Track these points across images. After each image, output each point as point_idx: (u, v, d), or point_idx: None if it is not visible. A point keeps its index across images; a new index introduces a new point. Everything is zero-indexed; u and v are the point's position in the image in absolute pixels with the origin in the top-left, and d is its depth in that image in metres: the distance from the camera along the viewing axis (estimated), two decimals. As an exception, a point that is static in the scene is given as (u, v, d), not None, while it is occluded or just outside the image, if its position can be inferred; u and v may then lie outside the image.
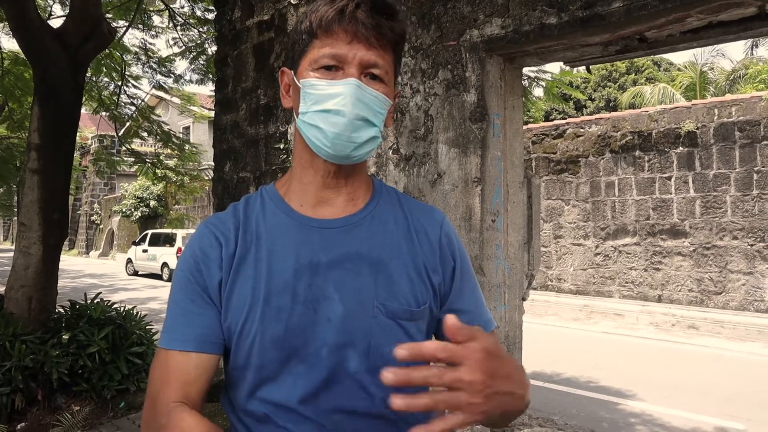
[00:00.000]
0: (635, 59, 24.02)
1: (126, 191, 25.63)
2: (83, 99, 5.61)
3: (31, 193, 4.61)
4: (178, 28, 7.13)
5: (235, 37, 4.28)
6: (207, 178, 9.10)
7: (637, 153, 10.40)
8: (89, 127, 25.86)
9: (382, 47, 0.93)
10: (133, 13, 6.30)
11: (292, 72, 0.98)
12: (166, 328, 0.94)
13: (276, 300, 0.91)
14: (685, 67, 20.29)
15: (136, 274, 19.37)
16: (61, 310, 4.80)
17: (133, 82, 7.50)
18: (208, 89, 8.85)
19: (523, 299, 2.88)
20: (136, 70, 7.55)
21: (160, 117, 8.14)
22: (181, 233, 17.64)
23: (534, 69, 5.47)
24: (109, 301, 5.12)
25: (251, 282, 0.93)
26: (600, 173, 10.90)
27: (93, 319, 4.61)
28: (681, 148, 9.88)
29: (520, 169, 2.85)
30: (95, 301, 4.91)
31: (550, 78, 5.41)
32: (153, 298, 12.71)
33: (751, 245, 9.15)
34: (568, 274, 11.40)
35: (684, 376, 6.27)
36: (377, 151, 3.09)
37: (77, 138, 5.28)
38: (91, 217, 29.95)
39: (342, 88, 0.90)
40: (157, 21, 7.47)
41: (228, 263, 0.94)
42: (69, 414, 4.02)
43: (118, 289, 14.50)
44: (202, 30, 7.23)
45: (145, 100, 8.14)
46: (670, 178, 10.02)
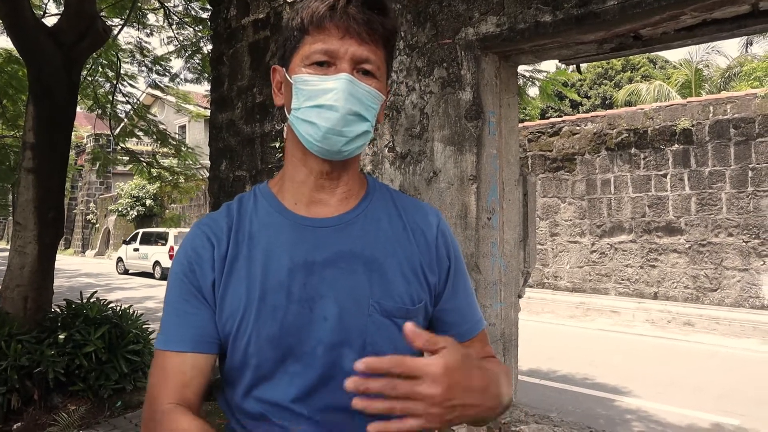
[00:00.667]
0: (631, 57, 24.07)
1: (122, 190, 25.56)
2: (78, 98, 5.59)
3: (26, 192, 4.59)
4: (173, 27, 7.10)
5: (230, 36, 4.27)
6: (202, 177, 9.07)
7: (632, 150, 10.43)
8: (85, 126, 25.73)
9: (373, 42, 0.93)
10: (128, 11, 6.27)
11: (284, 69, 0.98)
12: (161, 329, 0.94)
13: (271, 299, 0.91)
14: (681, 65, 20.33)
15: (126, 272, 19.56)
16: (57, 310, 4.79)
17: (129, 81, 7.47)
18: (203, 88, 8.83)
19: (519, 296, 2.88)
20: (131, 68, 7.52)
21: (155, 116, 8.12)
22: (173, 232, 17.96)
23: (529, 68, 5.48)
24: (105, 300, 5.11)
25: (245, 282, 0.93)
26: (596, 171, 10.93)
27: (89, 319, 4.60)
28: (676, 146, 9.91)
29: (515, 167, 2.86)
30: (91, 300, 4.90)
31: (544, 77, 5.41)
32: (149, 297, 12.68)
33: (746, 242, 9.19)
34: (564, 271, 11.43)
35: (679, 373, 6.30)
36: (373, 149, 3.09)
37: (73, 137, 5.26)
38: (87, 217, 29.85)
39: (335, 83, 0.90)
40: (152, 19, 7.45)
41: (220, 264, 0.94)
42: (65, 413, 4.02)
43: (115, 289, 14.46)
44: (197, 28, 7.20)
45: (141, 99, 8.11)
46: (665, 176, 10.05)
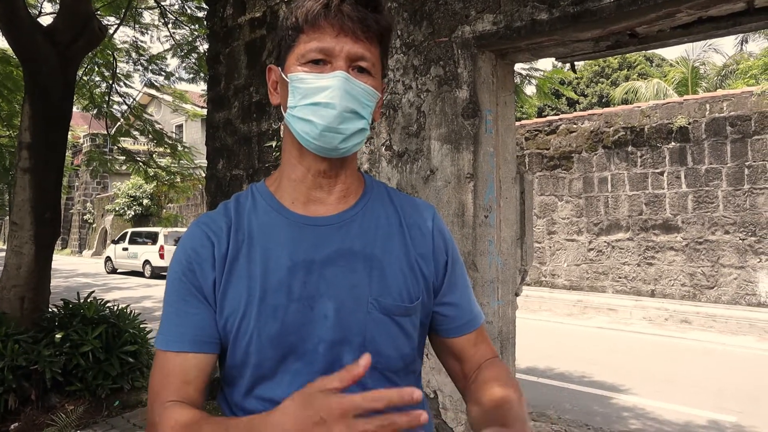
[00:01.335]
0: (627, 55, 24.10)
1: (119, 190, 25.52)
2: (74, 97, 5.57)
3: (22, 192, 4.58)
4: (169, 26, 7.09)
5: (227, 35, 4.27)
6: (198, 178, 9.05)
7: (629, 148, 10.45)
8: (81, 126, 25.65)
9: (368, 40, 0.93)
10: (123, 10, 6.26)
11: (280, 68, 0.98)
12: (161, 329, 0.94)
13: (271, 298, 0.91)
14: (677, 63, 20.37)
15: (114, 271, 19.77)
16: (54, 310, 4.78)
17: (125, 80, 7.46)
18: (199, 88, 8.81)
19: (517, 294, 2.89)
20: (126, 67, 7.51)
21: (152, 116, 8.10)
22: (163, 231, 18.05)
23: (526, 66, 5.48)
24: (102, 299, 5.10)
25: (246, 281, 0.93)
26: (593, 169, 10.95)
27: (86, 318, 4.59)
28: (673, 144, 9.93)
29: (512, 165, 2.86)
30: (88, 300, 4.89)
31: (541, 75, 5.42)
32: (147, 297, 12.66)
33: (743, 239, 9.22)
34: (561, 269, 11.45)
35: (677, 370, 6.32)
36: (370, 148, 3.09)
37: (69, 137, 5.25)
38: (84, 216, 29.79)
39: (331, 81, 0.90)
40: (147, 18, 7.43)
41: (221, 263, 0.94)
42: (63, 413, 4.01)
43: (112, 288, 14.44)
44: (193, 27, 7.19)
45: (137, 99, 8.09)
46: (662, 174, 10.08)
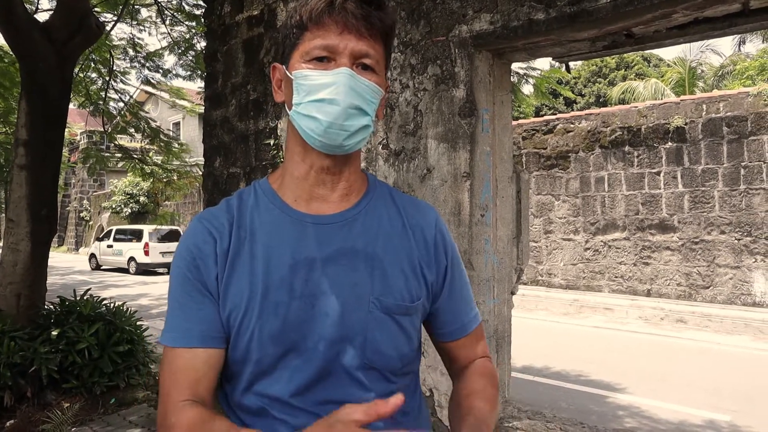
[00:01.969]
0: (625, 55, 24.14)
1: (116, 187, 25.46)
2: (71, 94, 5.56)
3: (19, 189, 4.57)
4: (167, 23, 7.07)
5: (224, 33, 4.26)
6: (195, 176, 9.03)
7: (626, 148, 10.47)
8: (78, 123, 25.56)
9: (372, 37, 0.94)
10: (121, 7, 6.24)
11: (284, 66, 0.99)
12: (168, 326, 0.94)
13: (273, 295, 0.92)
14: (675, 63, 20.41)
15: (98, 268, 19.95)
16: (51, 307, 4.77)
17: (122, 77, 7.44)
18: (196, 85, 8.78)
19: (512, 293, 2.90)
20: (123, 64, 7.48)
21: (149, 113, 8.08)
22: (147, 229, 18.27)
23: (523, 66, 5.49)
24: (98, 297, 5.09)
25: (248, 278, 0.93)
26: (590, 168, 10.97)
27: (83, 316, 4.58)
28: (670, 144, 9.96)
29: (509, 164, 2.87)
30: (85, 297, 4.89)
31: (539, 75, 5.43)
32: (143, 295, 12.64)
33: (739, 240, 9.25)
34: (558, 269, 11.47)
35: (672, 370, 6.34)
36: (367, 146, 3.10)
37: (66, 134, 5.23)
38: (81, 214, 29.71)
39: (335, 77, 0.91)
40: (144, 15, 7.42)
41: (223, 259, 0.94)
42: (59, 411, 4.01)
43: (109, 286, 14.41)
44: (190, 24, 7.17)
45: (134, 96, 8.07)
46: (659, 174, 10.10)
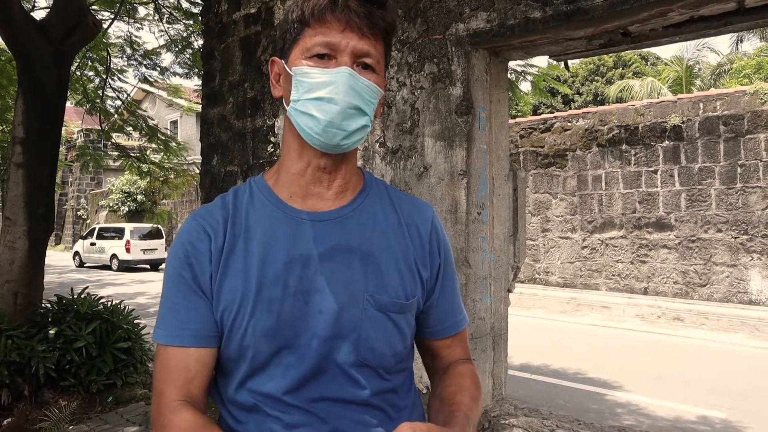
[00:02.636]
0: (622, 54, 24.16)
1: (113, 186, 25.42)
2: (68, 92, 5.54)
3: (15, 187, 4.56)
4: (164, 21, 7.05)
5: (221, 31, 4.26)
6: (193, 173, 9.01)
7: (623, 147, 10.49)
8: (75, 122, 25.48)
9: (374, 36, 0.93)
10: (118, 5, 6.22)
11: (283, 61, 0.98)
12: (162, 324, 0.94)
13: (267, 292, 0.92)
14: (672, 62, 20.43)
15: (82, 265, 20.16)
16: (48, 305, 4.77)
17: (119, 76, 7.41)
18: (193, 83, 8.76)
19: (509, 291, 2.91)
20: (121, 62, 7.45)
21: (146, 111, 8.05)
22: (129, 227, 18.78)
23: (521, 63, 5.49)
24: (96, 295, 5.09)
25: (242, 274, 0.93)
26: (587, 167, 10.98)
27: (80, 314, 4.58)
28: (667, 142, 9.98)
29: (505, 162, 2.88)
30: (82, 295, 4.89)
31: (536, 72, 5.43)
32: (141, 293, 12.63)
33: (735, 238, 9.28)
34: (555, 267, 11.49)
35: (669, 367, 6.36)
36: (364, 144, 3.10)
37: (63, 132, 5.22)
38: (78, 212, 29.63)
39: (335, 76, 0.90)
40: (142, 13, 7.39)
41: (217, 256, 0.94)
42: (56, 409, 4.00)
43: (106, 284, 14.39)
44: (188, 22, 7.16)
45: (131, 94, 8.04)
46: (656, 172, 10.12)
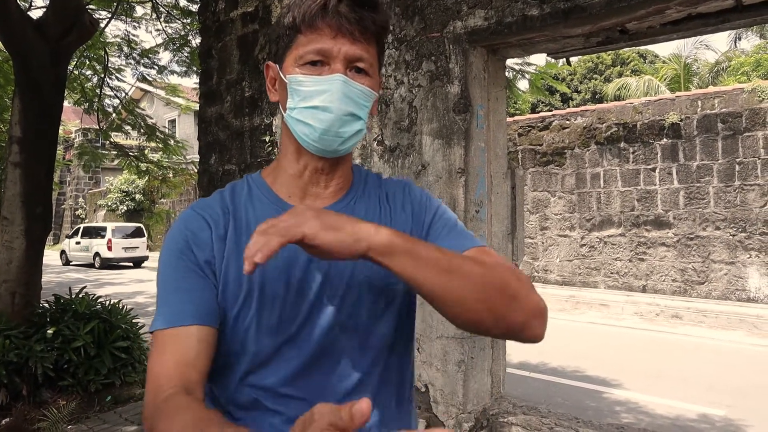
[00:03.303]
0: (620, 52, 24.18)
1: (111, 185, 25.41)
2: (65, 91, 5.53)
3: (13, 186, 4.56)
4: (162, 20, 7.04)
5: (219, 29, 4.25)
6: (191, 172, 8.99)
7: (622, 145, 10.49)
8: (73, 121, 25.44)
9: (366, 40, 0.93)
10: (115, 4, 6.21)
11: (278, 66, 0.99)
12: (159, 310, 0.91)
13: (270, 288, 0.92)
14: (670, 60, 20.43)
15: (68, 263, 20.36)
16: (46, 305, 4.77)
17: (117, 75, 7.40)
18: (191, 81, 8.74)
19: (507, 289, 2.90)
20: (118, 61, 7.44)
21: (144, 110, 8.04)
22: (110, 226, 19.20)
23: (519, 61, 5.49)
24: (94, 295, 5.09)
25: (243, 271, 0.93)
26: (585, 165, 10.99)
27: (78, 314, 4.58)
28: (665, 140, 9.99)
29: (503, 160, 2.87)
30: (80, 295, 4.88)
31: (534, 70, 5.43)
32: (139, 292, 12.63)
33: (733, 235, 9.29)
34: (554, 265, 11.50)
35: (667, 365, 6.37)
36: (362, 143, 3.10)
37: (60, 131, 5.22)
38: (76, 212, 29.60)
39: (329, 84, 0.91)
40: (140, 12, 7.37)
41: (219, 246, 0.94)
42: (55, 409, 4.00)
43: (104, 284, 14.38)
44: (185, 21, 7.15)
45: (129, 93, 8.03)
46: (654, 170, 10.13)
